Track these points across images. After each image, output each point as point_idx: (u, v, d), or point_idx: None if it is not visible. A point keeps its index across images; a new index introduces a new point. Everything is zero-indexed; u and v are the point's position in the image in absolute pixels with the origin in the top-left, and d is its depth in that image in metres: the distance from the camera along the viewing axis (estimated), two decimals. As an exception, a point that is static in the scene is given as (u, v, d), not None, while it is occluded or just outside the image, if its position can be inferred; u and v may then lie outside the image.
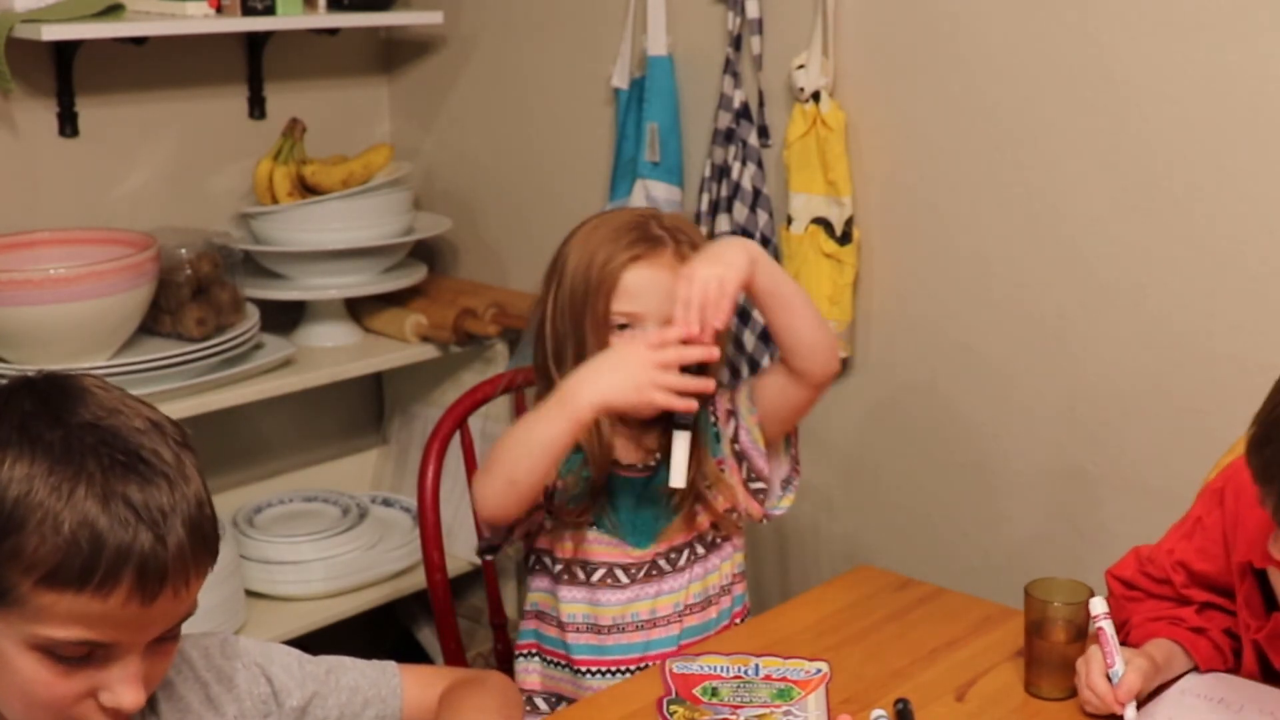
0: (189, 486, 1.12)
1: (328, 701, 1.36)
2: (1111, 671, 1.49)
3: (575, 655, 1.79)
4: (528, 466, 1.61)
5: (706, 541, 1.80)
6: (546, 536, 1.79)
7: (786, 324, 1.69)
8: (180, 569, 1.10)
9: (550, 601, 1.81)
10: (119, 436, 1.10)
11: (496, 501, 1.65)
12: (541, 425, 1.61)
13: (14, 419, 1.09)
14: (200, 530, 1.12)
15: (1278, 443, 1.29)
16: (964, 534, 2.24)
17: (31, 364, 2.19)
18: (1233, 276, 1.91)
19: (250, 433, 2.78)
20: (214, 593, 2.34)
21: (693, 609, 1.79)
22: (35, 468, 1.07)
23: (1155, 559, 1.62)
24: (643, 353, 1.60)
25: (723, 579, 1.82)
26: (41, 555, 1.05)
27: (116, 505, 1.06)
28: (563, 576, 1.78)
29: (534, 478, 1.62)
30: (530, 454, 1.61)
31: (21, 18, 2.25)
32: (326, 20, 2.62)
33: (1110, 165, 1.99)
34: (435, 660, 2.69)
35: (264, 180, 2.62)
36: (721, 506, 1.79)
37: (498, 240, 2.83)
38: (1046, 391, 2.11)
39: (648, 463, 1.78)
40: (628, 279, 1.71)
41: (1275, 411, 1.30)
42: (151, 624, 1.11)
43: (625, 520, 1.77)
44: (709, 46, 2.37)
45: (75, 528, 1.05)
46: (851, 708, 1.53)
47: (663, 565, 1.78)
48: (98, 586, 1.06)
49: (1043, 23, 2.01)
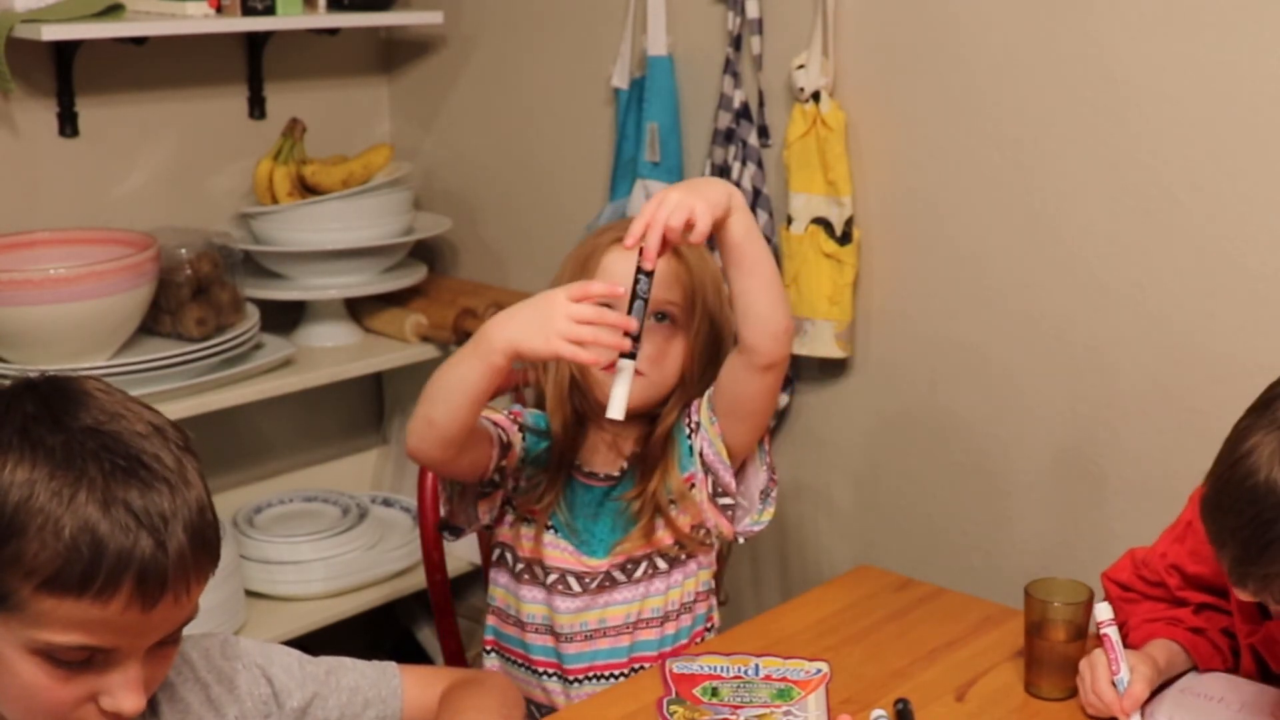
0: (190, 491, 1.11)
1: (328, 702, 1.36)
2: (1117, 679, 1.48)
3: (534, 656, 1.77)
4: (444, 407, 1.57)
5: (668, 557, 1.75)
6: (509, 531, 1.77)
7: (746, 286, 1.59)
8: (181, 575, 1.09)
9: (510, 600, 1.79)
10: (120, 441, 1.10)
11: (417, 440, 1.61)
12: (458, 366, 1.56)
13: (15, 422, 1.09)
14: (202, 536, 1.11)
15: (1228, 508, 1.29)
16: (964, 534, 2.24)
17: (32, 364, 2.19)
18: (1233, 277, 1.91)
19: (250, 433, 2.78)
20: (214, 593, 2.33)
21: (649, 623, 1.75)
22: (36, 472, 1.06)
23: (1149, 562, 1.63)
24: (560, 301, 1.51)
25: (685, 596, 1.77)
26: (42, 560, 1.05)
27: (117, 511, 1.06)
28: (523, 576, 1.77)
29: (450, 419, 1.57)
30: (448, 394, 1.57)
31: (21, 18, 2.25)
32: (326, 20, 2.62)
33: (1110, 164, 1.99)
34: (435, 660, 2.69)
35: (264, 180, 2.62)
36: (686, 525, 1.74)
37: (498, 240, 2.83)
38: (1047, 391, 2.11)
39: (611, 472, 1.75)
40: (608, 260, 1.69)
41: (1226, 473, 1.29)
42: (152, 629, 1.11)
43: (582, 528, 1.75)
44: (709, 46, 2.37)
45: (76, 533, 1.05)
46: (851, 708, 1.53)
47: (617, 576, 1.74)
48: (98, 593, 1.06)
49: (1043, 23, 2.01)
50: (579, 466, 1.76)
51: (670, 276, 1.68)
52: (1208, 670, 1.57)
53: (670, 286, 1.69)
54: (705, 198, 1.53)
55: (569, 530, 1.75)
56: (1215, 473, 1.32)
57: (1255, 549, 1.26)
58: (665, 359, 1.71)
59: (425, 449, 1.62)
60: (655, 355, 1.69)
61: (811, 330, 2.26)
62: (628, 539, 1.74)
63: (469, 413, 1.58)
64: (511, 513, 1.77)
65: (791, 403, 2.38)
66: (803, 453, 2.40)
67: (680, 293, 1.71)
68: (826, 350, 2.26)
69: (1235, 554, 1.28)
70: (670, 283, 1.69)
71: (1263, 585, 1.29)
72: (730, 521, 1.75)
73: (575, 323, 1.49)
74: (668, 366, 1.71)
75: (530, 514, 1.76)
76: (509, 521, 1.77)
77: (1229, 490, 1.28)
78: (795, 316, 2.27)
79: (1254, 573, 1.28)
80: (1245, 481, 1.26)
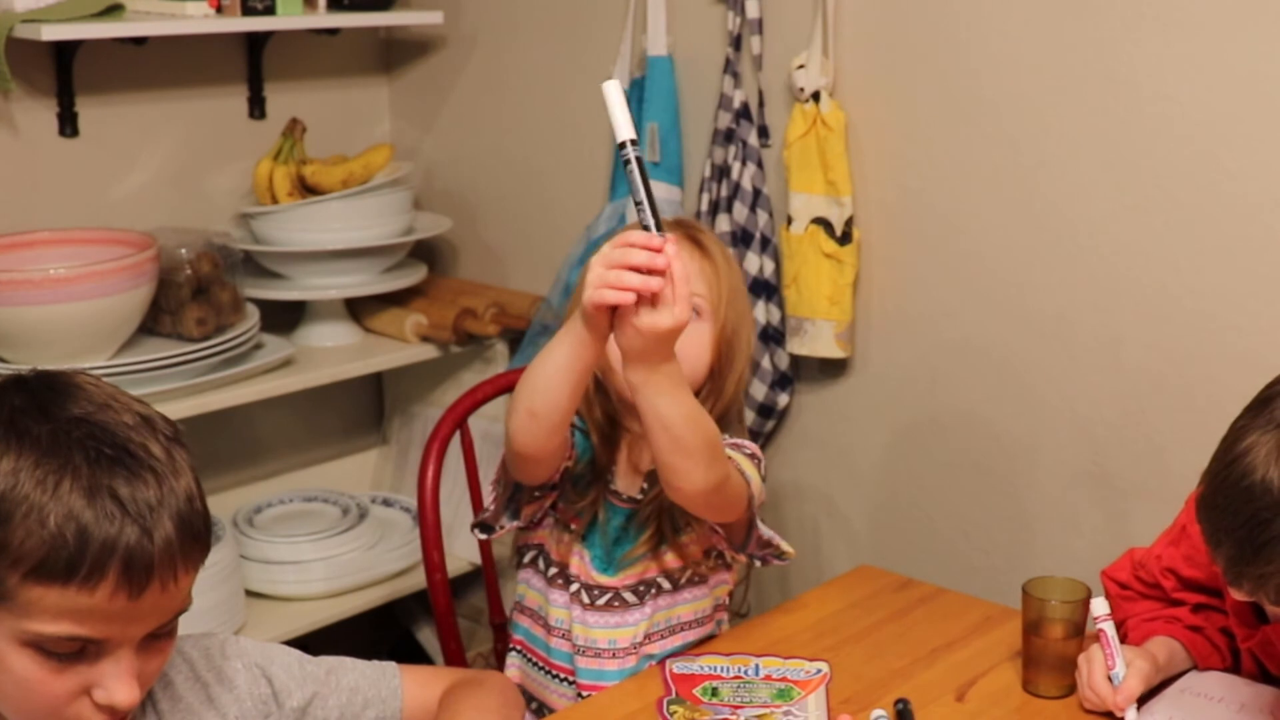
0: (179, 481, 1.11)
1: (328, 702, 1.36)
2: (1113, 674, 1.49)
3: (554, 660, 1.78)
4: (543, 396, 1.55)
5: (675, 579, 1.77)
6: (545, 533, 1.78)
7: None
8: (167, 563, 1.10)
9: (540, 601, 1.80)
10: (108, 431, 1.10)
11: (522, 436, 1.59)
12: (551, 349, 1.55)
13: (3, 415, 1.10)
14: (190, 525, 1.12)
15: (1223, 507, 1.29)
16: (964, 534, 2.24)
17: (31, 364, 2.18)
18: (1235, 277, 1.91)
19: (250, 433, 2.78)
20: (214, 593, 2.34)
21: (651, 638, 1.76)
22: (22, 461, 1.07)
23: (1146, 564, 1.64)
24: (599, 253, 1.48)
25: (696, 614, 1.78)
26: (28, 549, 1.06)
27: (102, 499, 1.07)
28: (556, 580, 1.78)
29: (551, 404, 1.55)
30: (546, 379, 1.55)
31: (21, 18, 2.25)
32: (326, 20, 2.62)
33: (1111, 164, 1.99)
34: (435, 660, 2.69)
35: (264, 180, 2.62)
36: (694, 551, 1.75)
37: (498, 240, 2.83)
38: (1047, 391, 2.11)
39: (633, 495, 1.75)
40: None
41: (1222, 473, 1.29)
42: (141, 618, 1.11)
43: (599, 543, 1.76)
44: (709, 46, 2.37)
45: (61, 521, 1.05)
46: (851, 708, 1.53)
47: (627, 598, 1.75)
48: (84, 580, 1.06)
49: (1043, 22, 2.01)
50: (609, 483, 1.76)
51: (696, 271, 1.70)
52: (1207, 669, 1.57)
53: (697, 281, 1.70)
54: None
55: (598, 544, 1.76)
56: (1211, 471, 1.32)
57: (1251, 549, 1.26)
58: (694, 352, 1.70)
59: (529, 442, 1.59)
60: (681, 351, 1.68)
61: (811, 330, 2.26)
62: (635, 547, 1.74)
63: (570, 394, 1.55)
64: (552, 516, 1.78)
65: (791, 403, 2.38)
66: (803, 453, 2.40)
67: (706, 286, 1.72)
68: (826, 350, 2.26)
69: (1231, 553, 1.29)
70: (697, 277, 1.70)
71: (1258, 585, 1.29)
72: (730, 547, 1.74)
73: (606, 268, 1.46)
74: (698, 360, 1.71)
75: (568, 522, 1.77)
76: (549, 525, 1.78)
77: (1225, 489, 1.28)
78: (795, 316, 2.28)
79: (1249, 572, 1.28)
80: (1242, 481, 1.26)
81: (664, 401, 1.49)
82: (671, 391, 1.50)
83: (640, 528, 1.74)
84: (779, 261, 2.30)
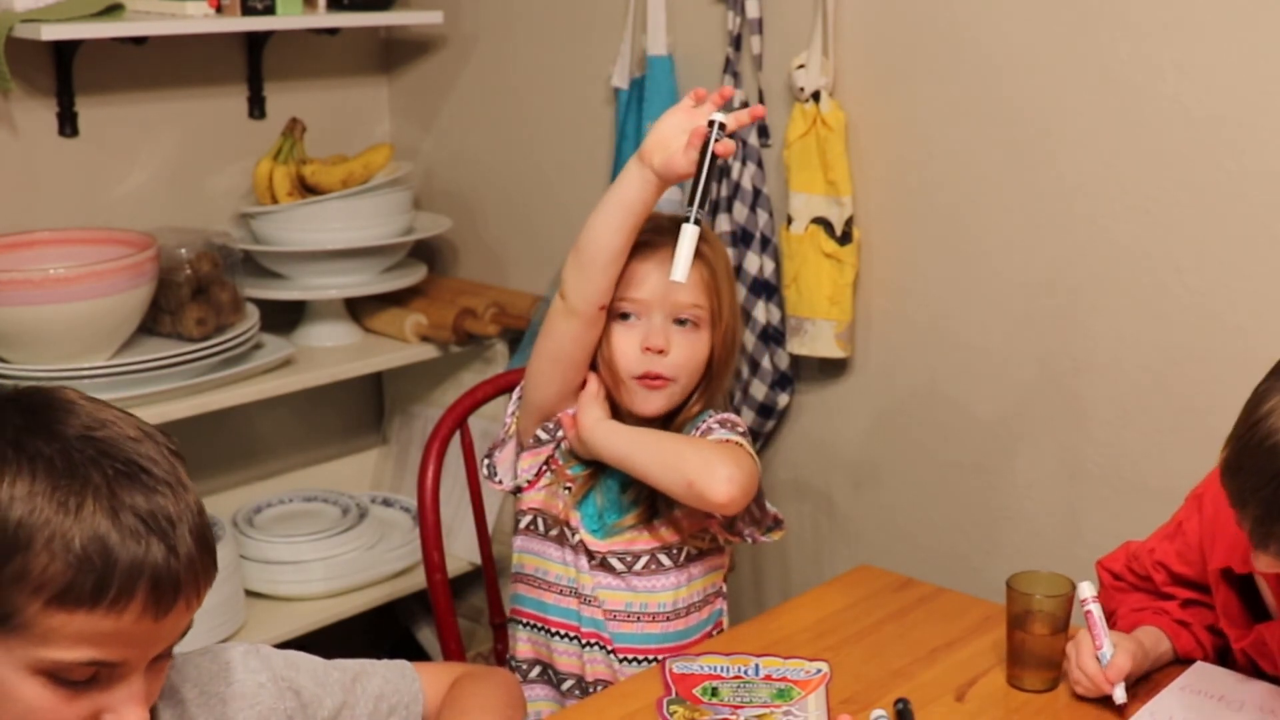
0: (189, 494, 1.09)
1: (355, 711, 1.34)
2: (1100, 653, 1.50)
3: (551, 617, 1.80)
4: (597, 230, 1.67)
5: (673, 555, 1.78)
6: (541, 496, 1.79)
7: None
8: (191, 579, 1.07)
9: (539, 564, 1.81)
10: (116, 446, 1.07)
11: (574, 279, 1.69)
12: (613, 188, 1.67)
13: (6, 435, 1.06)
14: (205, 539, 1.10)
15: (1249, 468, 1.29)
16: (964, 534, 2.24)
17: (32, 364, 2.19)
18: (1236, 277, 1.91)
19: (250, 433, 2.78)
20: (214, 593, 2.28)
21: (655, 617, 1.77)
22: (37, 484, 1.03)
23: (1139, 556, 1.66)
24: (686, 107, 1.64)
25: (692, 596, 1.79)
26: (51, 575, 1.02)
27: (126, 517, 1.03)
28: (556, 538, 1.79)
29: (605, 240, 1.66)
30: (604, 217, 1.67)
31: (21, 17, 2.25)
32: (326, 20, 2.62)
33: (1111, 164, 1.99)
34: (435, 660, 2.69)
35: (264, 180, 2.62)
36: (689, 527, 1.77)
37: (498, 240, 2.83)
38: (1047, 391, 2.11)
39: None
40: (632, 266, 1.71)
41: (1246, 435, 1.29)
42: (160, 640, 1.09)
43: (593, 507, 1.78)
44: (709, 46, 2.37)
45: (86, 544, 1.02)
46: (851, 708, 1.53)
47: (614, 564, 1.76)
48: (111, 603, 1.03)
49: (1043, 22, 2.01)
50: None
51: (694, 280, 1.70)
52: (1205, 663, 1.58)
53: (695, 291, 1.73)
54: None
55: (592, 507, 1.77)
56: (1235, 434, 1.32)
57: (1278, 508, 1.26)
58: (691, 361, 1.75)
59: (593, 284, 1.68)
60: (682, 360, 1.74)
61: (811, 330, 2.26)
62: (625, 518, 1.76)
63: (625, 233, 1.66)
64: (550, 475, 1.79)
65: (791, 403, 2.38)
66: (803, 453, 2.40)
67: (705, 295, 1.74)
68: (826, 350, 2.26)
69: (1257, 514, 1.28)
70: (695, 288, 1.72)
71: None
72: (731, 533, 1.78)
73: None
74: (694, 368, 1.76)
75: (567, 481, 1.78)
76: (543, 485, 1.79)
77: (1250, 450, 1.28)
78: (795, 316, 2.28)
79: (1277, 532, 1.28)
80: (1266, 441, 1.27)
81: (615, 454, 1.70)
82: (608, 442, 1.70)
83: (633, 502, 1.76)
84: (779, 261, 2.30)
